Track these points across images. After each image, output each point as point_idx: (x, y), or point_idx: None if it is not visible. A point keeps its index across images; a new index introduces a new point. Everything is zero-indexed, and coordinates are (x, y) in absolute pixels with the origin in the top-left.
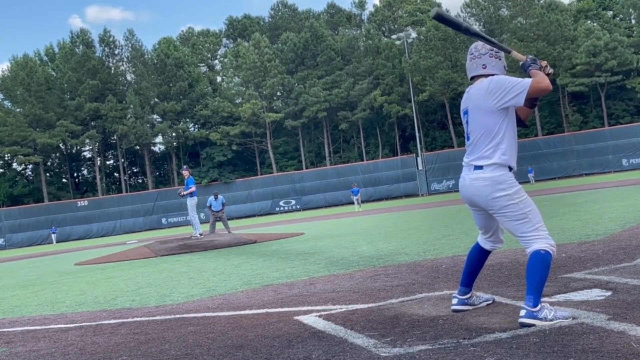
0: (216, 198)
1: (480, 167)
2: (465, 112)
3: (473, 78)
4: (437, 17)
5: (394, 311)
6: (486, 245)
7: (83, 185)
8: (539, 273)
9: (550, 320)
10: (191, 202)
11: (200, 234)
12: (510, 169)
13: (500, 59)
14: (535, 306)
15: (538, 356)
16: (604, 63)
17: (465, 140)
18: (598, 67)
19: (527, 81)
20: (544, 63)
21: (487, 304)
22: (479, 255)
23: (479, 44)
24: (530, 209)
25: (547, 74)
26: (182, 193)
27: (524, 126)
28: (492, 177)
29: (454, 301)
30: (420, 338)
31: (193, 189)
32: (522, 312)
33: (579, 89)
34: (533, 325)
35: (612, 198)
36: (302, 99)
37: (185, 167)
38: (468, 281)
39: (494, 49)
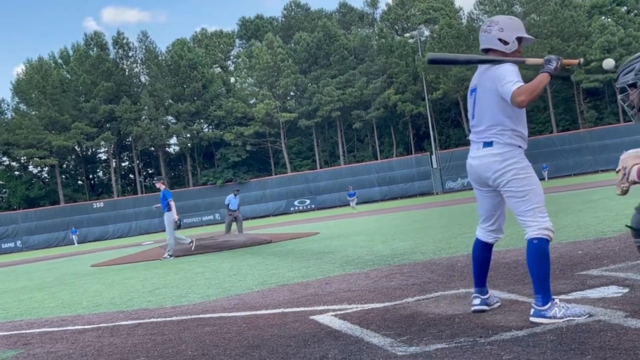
0: (236, 195)
1: (490, 144)
2: (474, 90)
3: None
4: (431, 61)
5: (410, 310)
6: (488, 238)
7: (98, 187)
8: (539, 268)
9: (560, 318)
10: (168, 218)
11: (170, 255)
12: (520, 147)
13: (489, 32)
14: (544, 304)
15: (555, 354)
16: (618, 59)
17: (471, 118)
18: None
19: (510, 88)
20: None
21: (498, 305)
22: (483, 252)
23: (494, 19)
24: (533, 188)
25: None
26: (156, 206)
27: None
28: (502, 153)
29: (477, 301)
30: (437, 337)
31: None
32: (531, 311)
33: (593, 85)
34: (541, 324)
35: (628, 194)
36: (316, 98)
37: (157, 178)
38: (482, 280)
39: (490, 24)
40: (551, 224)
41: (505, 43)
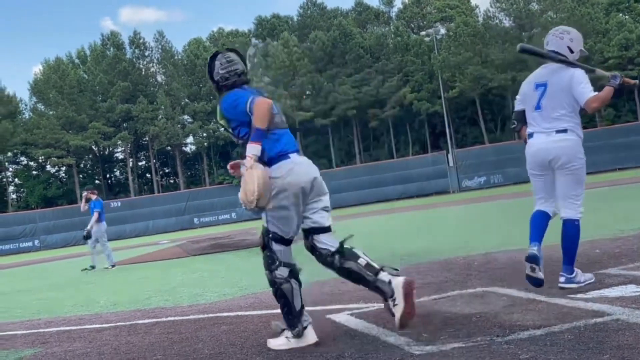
0: None
1: (564, 131)
2: (542, 85)
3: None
4: (522, 50)
5: (427, 309)
6: (548, 209)
7: (115, 187)
8: (574, 244)
9: (583, 282)
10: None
11: (113, 266)
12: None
13: (561, 39)
14: (571, 273)
15: (573, 353)
16: (636, 56)
17: (534, 109)
18: (630, 60)
19: (587, 93)
20: (626, 80)
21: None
22: (542, 219)
23: (567, 29)
24: (585, 179)
25: (628, 84)
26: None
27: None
28: (575, 140)
29: (534, 248)
30: (453, 336)
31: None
32: (562, 279)
33: None
34: (571, 288)
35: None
36: (332, 97)
37: (87, 187)
38: (539, 236)
39: (563, 32)
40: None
41: (572, 52)
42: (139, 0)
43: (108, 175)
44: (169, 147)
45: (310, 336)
